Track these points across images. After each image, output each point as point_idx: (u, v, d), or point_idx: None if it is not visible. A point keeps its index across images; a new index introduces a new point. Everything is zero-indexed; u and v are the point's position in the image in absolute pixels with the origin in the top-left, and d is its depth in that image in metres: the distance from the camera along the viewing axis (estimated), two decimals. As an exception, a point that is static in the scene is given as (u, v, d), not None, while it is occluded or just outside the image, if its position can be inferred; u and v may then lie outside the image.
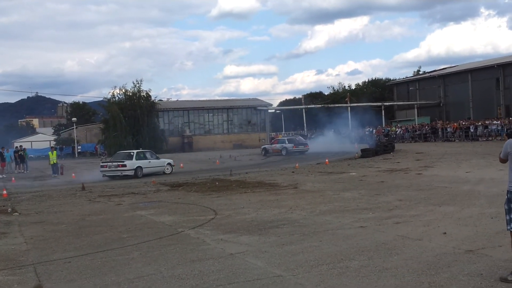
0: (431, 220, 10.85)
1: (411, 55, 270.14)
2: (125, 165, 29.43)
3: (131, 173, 29.33)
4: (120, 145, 68.74)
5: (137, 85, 74.28)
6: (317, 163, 31.86)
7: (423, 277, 6.79)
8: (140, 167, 29.94)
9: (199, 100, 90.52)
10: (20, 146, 43.79)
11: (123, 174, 29.26)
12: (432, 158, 30.17)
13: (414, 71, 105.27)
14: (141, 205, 16.26)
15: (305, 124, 79.56)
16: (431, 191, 15.49)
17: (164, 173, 31.10)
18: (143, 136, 70.49)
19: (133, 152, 31.92)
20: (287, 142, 47.86)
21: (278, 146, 47.43)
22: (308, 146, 47.70)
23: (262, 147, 50.67)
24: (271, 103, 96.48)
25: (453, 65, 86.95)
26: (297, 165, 29.75)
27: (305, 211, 12.97)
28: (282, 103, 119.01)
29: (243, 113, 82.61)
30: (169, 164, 32.43)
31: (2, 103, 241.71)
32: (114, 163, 30.06)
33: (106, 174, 30.10)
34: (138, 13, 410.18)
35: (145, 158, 31.18)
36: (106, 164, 30.94)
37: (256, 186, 19.86)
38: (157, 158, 32.56)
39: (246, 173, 27.25)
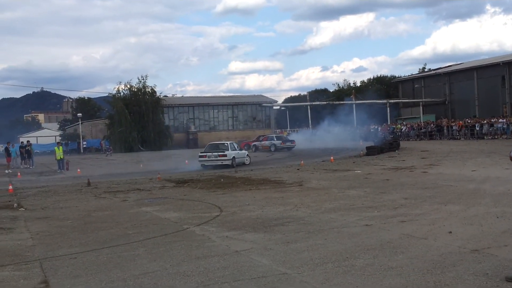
0: (436, 218, 10.84)
1: (417, 52, 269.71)
2: (225, 155, 31.06)
3: (229, 162, 30.89)
4: (126, 140, 68.95)
5: (142, 81, 74.44)
6: (322, 161, 31.86)
7: (429, 276, 6.79)
8: (234, 157, 31.65)
9: (204, 96, 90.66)
10: (28, 141, 43.90)
11: (223, 163, 30.73)
12: (437, 156, 30.13)
13: (419, 69, 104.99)
14: (146, 201, 16.29)
15: (310, 121, 79.48)
16: (436, 190, 15.46)
17: (244, 164, 32.55)
18: (148, 132, 70.64)
19: (227, 143, 33.43)
20: (275, 139, 50.86)
21: (267, 143, 50.48)
22: (294, 142, 50.21)
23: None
24: (276, 99, 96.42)
25: (458, 63, 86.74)
26: (302, 162, 29.74)
27: (310, 209, 12.98)
28: (287, 100, 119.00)
29: (248, 110, 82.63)
30: (247, 155, 34.59)
31: (8, 98, 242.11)
32: (214, 153, 31.43)
33: (205, 164, 31.47)
34: (143, 9, 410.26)
35: (235, 149, 32.95)
36: (205, 154, 32.14)
37: (261, 183, 19.87)
38: (241, 149, 34.67)
39: (251, 170, 27.28)
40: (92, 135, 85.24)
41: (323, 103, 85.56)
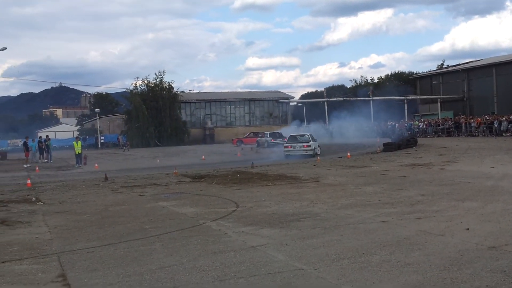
0: (453, 215, 10.78)
1: (435, 49, 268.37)
2: (310, 146, 33.81)
3: (312, 152, 33.57)
4: (143, 136, 69.30)
5: (160, 76, 74.72)
6: (339, 157, 31.78)
7: (446, 273, 6.76)
8: (314, 147, 34.26)
9: (221, 92, 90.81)
10: (47, 136, 44.24)
11: (307, 153, 33.34)
12: (455, 153, 29.92)
13: (437, 65, 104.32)
14: (163, 196, 16.36)
15: (326, 117, 79.22)
16: (454, 186, 15.37)
17: (316, 154, 33.81)
18: (165, 127, 70.96)
19: (307, 135, 36.07)
20: (268, 136, 54.09)
21: (263, 139, 54.05)
22: (286, 139, 50.80)
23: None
24: (293, 95, 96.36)
25: (477, 59, 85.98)
26: (318, 158, 29.70)
27: (327, 205, 12.96)
28: (304, 96, 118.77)
29: (264, 106, 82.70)
30: (319, 146, 36.16)
31: (27, 93, 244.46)
32: (299, 144, 34.18)
33: (290, 154, 33.65)
34: (161, 5, 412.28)
35: (313, 140, 35.29)
36: (290, 145, 34.57)
37: (278, 179, 19.87)
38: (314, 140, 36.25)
39: (268, 165, 27.27)
40: (110, 130, 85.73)
41: (340, 99, 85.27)
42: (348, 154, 31.97)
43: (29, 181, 21.64)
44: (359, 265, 7.33)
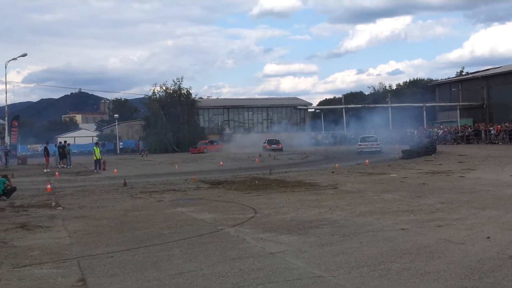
0: (474, 223, 10.68)
1: (454, 56, 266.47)
2: (378, 143, 44.18)
3: (379, 149, 43.29)
4: (161, 142, 69.58)
5: (178, 83, 74.98)
6: (357, 164, 31.66)
7: (466, 281, 6.70)
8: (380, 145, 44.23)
9: (239, 99, 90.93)
10: (65, 141, 44.57)
11: (376, 150, 42.86)
12: (475, 160, 29.66)
13: (456, 72, 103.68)
14: (181, 202, 16.40)
15: (344, 124, 79.12)
16: (474, 194, 15.23)
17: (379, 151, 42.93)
18: (183, 133, 71.17)
19: (375, 136, 46.98)
20: (266, 142, 60.40)
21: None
22: (281, 145, 59.40)
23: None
24: (311, 102, 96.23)
25: (497, 66, 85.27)
26: (336, 165, 29.61)
27: (345, 212, 12.91)
28: (322, 103, 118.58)
29: (282, 112, 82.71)
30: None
31: (46, 99, 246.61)
32: (370, 143, 44.34)
33: (364, 150, 42.81)
34: (180, 11, 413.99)
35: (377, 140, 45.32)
36: (363, 143, 44.36)
37: (296, 185, 19.83)
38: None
39: (286, 172, 27.24)
40: (128, 136, 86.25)
41: (358, 106, 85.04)
42: (367, 161, 31.84)
43: (49, 186, 21.81)
44: (379, 273, 7.29)
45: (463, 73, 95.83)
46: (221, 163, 36.84)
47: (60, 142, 43.74)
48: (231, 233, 10.71)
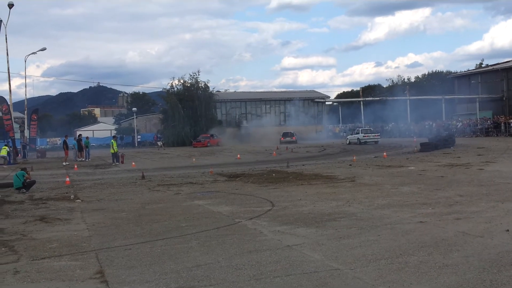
0: (493, 216, 10.59)
1: (474, 48, 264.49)
2: (379, 135, 52.43)
3: (379, 139, 51.31)
4: (178, 135, 69.80)
5: (195, 76, 75.10)
6: (375, 157, 31.52)
7: (485, 274, 6.64)
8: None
9: (256, 92, 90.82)
10: (80, 135, 44.81)
11: (376, 141, 50.37)
12: (494, 153, 29.40)
13: (476, 64, 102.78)
14: (199, 194, 16.45)
15: (362, 117, 78.80)
16: (493, 187, 15.09)
17: (376, 142, 50.31)
18: (200, 126, 71.28)
19: (372, 129, 56.63)
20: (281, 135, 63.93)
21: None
22: (295, 137, 63.15)
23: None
24: (329, 95, 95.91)
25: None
26: (354, 158, 29.51)
27: (363, 205, 12.86)
28: (340, 96, 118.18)
29: (300, 105, 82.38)
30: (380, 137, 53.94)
31: (66, 93, 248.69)
32: (371, 135, 51.85)
33: (367, 141, 50.20)
34: (198, 5, 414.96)
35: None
36: (367, 135, 51.73)
37: (313, 178, 19.80)
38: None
39: (303, 165, 27.20)
40: (146, 129, 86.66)
41: (376, 99, 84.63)
42: (384, 153, 31.70)
43: (67, 179, 21.99)
44: (397, 266, 7.25)
45: (483, 65, 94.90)
46: (239, 156, 36.86)
47: (80, 135, 44.03)
48: (248, 226, 10.71)
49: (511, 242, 8.32)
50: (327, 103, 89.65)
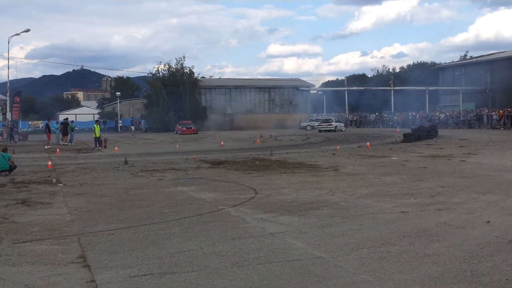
0: (474, 208, 10.70)
1: (459, 39, 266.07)
2: (331, 124, 57.57)
3: (333, 128, 56.27)
4: (162, 120, 69.58)
5: (180, 61, 74.80)
6: (358, 146, 31.64)
7: (465, 265, 6.71)
8: (336, 126, 57.07)
9: (241, 79, 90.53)
10: (66, 118, 44.48)
11: (329, 129, 55.81)
12: (476, 145, 29.64)
13: (460, 56, 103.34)
14: (182, 181, 16.43)
15: (346, 106, 79.04)
16: (474, 179, 15.24)
17: (341, 130, 57.30)
18: (184, 112, 71.12)
19: (333, 118, 63.61)
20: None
21: None
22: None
23: None
24: (314, 83, 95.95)
25: (501, 51, 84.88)
26: (338, 147, 29.60)
27: (346, 194, 12.93)
28: (325, 84, 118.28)
29: (285, 93, 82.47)
30: (344, 125, 61.89)
31: (49, 75, 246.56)
32: (326, 124, 57.95)
33: (322, 130, 56.41)
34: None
35: (336, 121, 60.33)
36: (322, 124, 58.53)
37: (297, 167, 19.84)
38: (339, 122, 61.57)
39: (287, 153, 27.24)
40: (130, 114, 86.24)
41: (360, 89, 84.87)
42: (368, 143, 31.84)
43: (50, 163, 21.84)
44: (378, 255, 7.31)
45: (467, 57, 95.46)
46: (222, 143, 36.84)
47: (65, 119, 43.66)
48: (232, 213, 10.73)
49: (491, 233, 8.42)
50: (312, 91, 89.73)
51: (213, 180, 16.51)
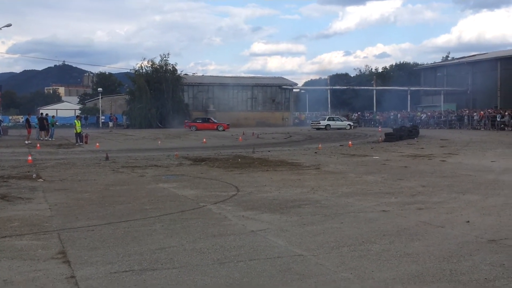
0: (454, 207, 10.79)
1: (441, 41, 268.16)
2: (319, 122, 59.51)
3: (323, 127, 57.74)
4: (145, 117, 69.34)
5: (164, 58, 74.57)
6: (340, 145, 31.76)
7: (445, 264, 6.77)
8: (328, 125, 58.29)
9: (224, 76, 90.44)
10: (46, 114, 44.12)
11: (319, 127, 57.81)
12: (457, 145, 29.90)
13: (442, 57, 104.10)
14: (164, 177, 16.36)
15: (329, 105, 79.23)
16: (455, 179, 15.36)
17: (345, 129, 57.31)
18: (167, 109, 71.00)
19: (326, 117, 62.26)
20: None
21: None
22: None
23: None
24: (297, 82, 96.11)
25: (482, 52, 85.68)
26: (320, 146, 29.69)
27: (327, 192, 12.96)
28: (308, 83, 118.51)
29: (267, 91, 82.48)
30: (349, 124, 59.90)
31: (30, 70, 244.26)
32: (316, 122, 60.51)
33: (313, 127, 58.98)
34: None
35: (333, 120, 60.44)
36: (315, 121, 61.75)
37: (279, 165, 19.86)
38: (341, 120, 61.56)
39: (269, 151, 27.25)
40: (112, 110, 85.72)
41: (343, 88, 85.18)
42: (350, 142, 31.97)
43: (30, 158, 21.65)
44: (359, 253, 7.34)
45: (449, 58, 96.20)
46: (204, 140, 36.76)
47: (42, 114, 43.29)
48: (213, 210, 10.71)
49: (471, 233, 8.49)
50: (294, 90, 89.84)
51: (194, 177, 16.46)
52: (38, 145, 31.78)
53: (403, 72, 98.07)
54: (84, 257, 7.23)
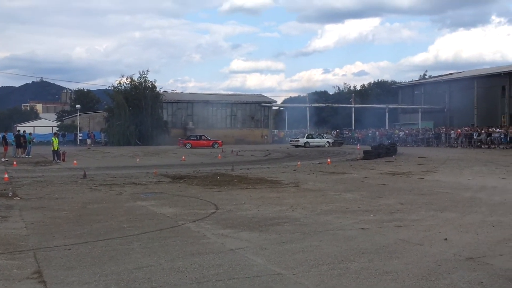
0: (432, 225, 10.83)
1: (419, 59, 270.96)
2: (298, 140, 59.79)
3: (302, 144, 57.83)
4: (123, 134, 68.97)
5: (143, 75, 74.42)
6: (319, 163, 31.84)
7: (423, 282, 6.78)
8: (307, 142, 58.39)
9: (203, 94, 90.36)
10: (24, 131, 43.72)
11: (298, 145, 57.84)
12: (434, 163, 30.14)
13: (420, 75, 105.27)
14: (142, 195, 16.24)
15: (308, 123, 79.50)
16: (432, 196, 15.46)
17: (324, 146, 57.69)
18: (146, 126, 70.68)
19: (305, 134, 62.81)
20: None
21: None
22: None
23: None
24: (276, 100, 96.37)
25: (459, 71, 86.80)
26: (299, 163, 29.74)
27: (306, 210, 12.95)
28: (287, 101, 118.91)
29: (247, 109, 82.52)
30: (328, 142, 60.03)
31: (7, 87, 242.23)
32: (295, 139, 60.75)
33: (292, 145, 59.03)
34: (151, 3, 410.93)
35: (312, 137, 60.45)
36: (294, 139, 61.88)
37: (258, 182, 19.84)
38: (320, 138, 61.26)
39: (248, 169, 27.23)
40: (90, 127, 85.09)
41: (322, 105, 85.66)
42: (328, 160, 32.07)
43: (6, 175, 21.37)
44: (338, 271, 7.32)
45: (426, 77, 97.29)
46: (183, 157, 36.62)
47: (19, 131, 42.85)
48: (192, 228, 10.64)
49: (449, 250, 8.53)
50: (274, 107, 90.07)
51: (173, 195, 16.37)
52: (14, 162, 31.40)
53: (381, 90, 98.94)
54: (60, 277, 7.12)
